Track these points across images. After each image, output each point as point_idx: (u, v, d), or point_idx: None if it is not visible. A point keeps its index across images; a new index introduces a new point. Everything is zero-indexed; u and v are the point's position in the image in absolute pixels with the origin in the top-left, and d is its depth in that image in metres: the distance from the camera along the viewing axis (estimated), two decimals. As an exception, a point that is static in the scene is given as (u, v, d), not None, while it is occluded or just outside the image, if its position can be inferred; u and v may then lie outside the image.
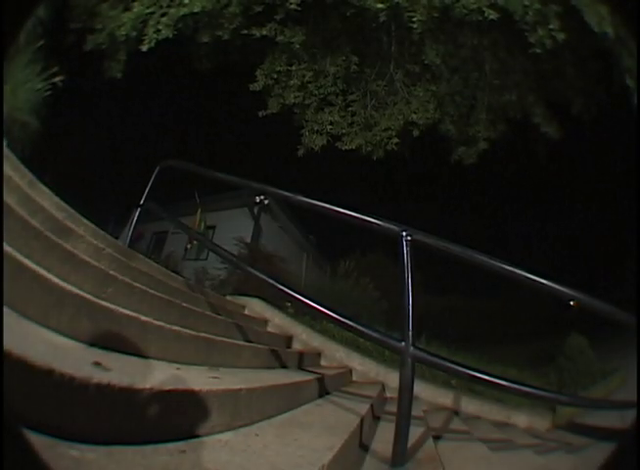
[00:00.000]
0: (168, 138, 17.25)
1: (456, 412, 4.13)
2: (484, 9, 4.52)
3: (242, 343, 2.83)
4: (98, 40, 5.33)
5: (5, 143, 3.08)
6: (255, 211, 10.58)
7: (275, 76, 6.27)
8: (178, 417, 1.23)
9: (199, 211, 9.75)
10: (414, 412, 2.63)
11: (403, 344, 1.87)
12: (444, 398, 4.36)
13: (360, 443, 2.03)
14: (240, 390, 1.55)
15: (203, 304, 3.47)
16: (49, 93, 4.60)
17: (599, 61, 5.21)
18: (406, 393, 1.85)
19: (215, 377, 1.69)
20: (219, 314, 3.32)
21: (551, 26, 4.49)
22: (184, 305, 2.54)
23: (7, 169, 2.50)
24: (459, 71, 6.13)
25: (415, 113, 6.10)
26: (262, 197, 10.04)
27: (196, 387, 1.33)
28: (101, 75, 5.77)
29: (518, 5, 4.52)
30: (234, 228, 10.19)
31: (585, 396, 4.95)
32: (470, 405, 4.34)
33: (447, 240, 2.13)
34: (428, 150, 7.49)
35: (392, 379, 4.00)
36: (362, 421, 2.06)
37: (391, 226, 2.18)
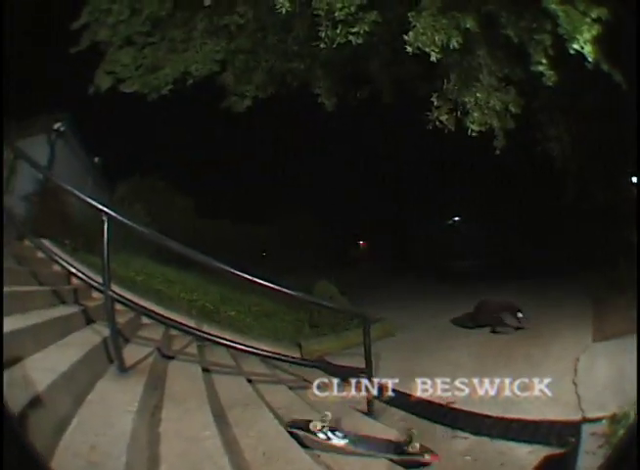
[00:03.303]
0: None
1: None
2: None
3: (36, 288, 3.76)
4: None
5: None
6: (52, 138, 10.43)
7: (97, 15, 6.44)
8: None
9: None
10: (154, 336, 4.02)
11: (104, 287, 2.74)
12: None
13: (108, 356, 2.94)
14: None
15: (8, 255, 4.07)
16: None
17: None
18: (110, 320, 2.77)
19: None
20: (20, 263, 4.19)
21: (354, 30, 4.95)
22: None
23: None
24: (258, 33, 6.73)
25: (197, 63, 6.59)
26: (59, 124, 9.82)
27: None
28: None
29: None
30: (35, 156, 9.81)
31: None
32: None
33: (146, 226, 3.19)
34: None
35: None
36: (105, 340, 2.95)
37: (96, 204, 2.83)
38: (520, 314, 5.75)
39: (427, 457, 2.75)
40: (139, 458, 1.75)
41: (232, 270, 3.22)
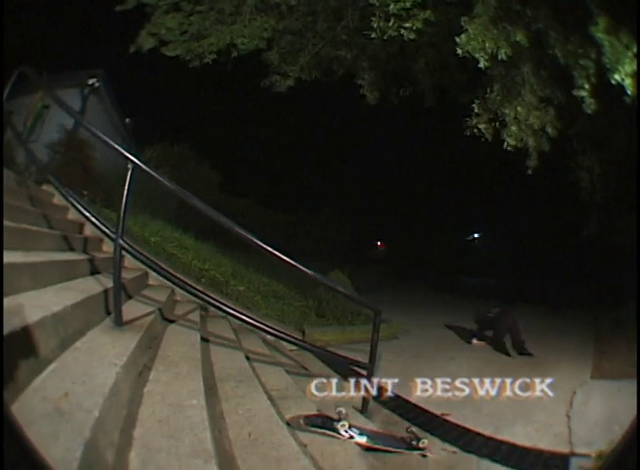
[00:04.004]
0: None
1: (205, 309, 4.68)
2: None
3: (45, 230, 3.62)
4: None
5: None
6: (86, 92, 10.27)
7: None
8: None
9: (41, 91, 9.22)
10: (158, 298, 3.81)
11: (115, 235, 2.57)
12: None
13: (106, 307, 2.80)
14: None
15: (24, 196, 4.14)
16: None
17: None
18: (116, 270, 2.57)
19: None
20: (34, 205, 4.08)
21: (407, 25, 4.94)
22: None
23: None
24: (308, 17, 6.57)
25: (243, 37, 6.40)
26: (94, 80, 9.70)
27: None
28: None
29: None
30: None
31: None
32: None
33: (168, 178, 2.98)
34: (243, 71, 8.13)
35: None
36: (106, 291, 2.80)
37: (123, 151, 2.67)
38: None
39: (430, 455, 2.91)
40: (114, 415, 1.54)
41: (252, 238, 3.00)
